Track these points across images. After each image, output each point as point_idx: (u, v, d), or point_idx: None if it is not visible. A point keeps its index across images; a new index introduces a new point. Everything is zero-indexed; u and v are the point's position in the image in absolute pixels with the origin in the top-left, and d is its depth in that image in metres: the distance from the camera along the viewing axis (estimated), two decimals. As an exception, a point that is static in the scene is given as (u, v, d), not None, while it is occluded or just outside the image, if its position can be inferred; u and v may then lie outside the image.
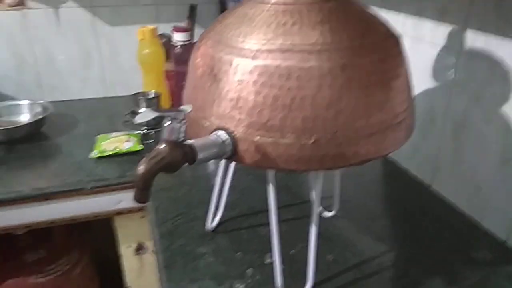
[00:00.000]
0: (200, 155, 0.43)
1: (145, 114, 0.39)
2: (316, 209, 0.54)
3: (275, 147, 0.44)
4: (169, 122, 0.41)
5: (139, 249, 0.98)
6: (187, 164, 0.43)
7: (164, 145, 0.41)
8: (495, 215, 0.70)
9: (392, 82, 0.46)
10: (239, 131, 0.46)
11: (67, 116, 1.18)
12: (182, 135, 0.41)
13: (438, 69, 0.79)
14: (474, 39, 0.70)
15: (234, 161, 0.48)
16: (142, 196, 0.41)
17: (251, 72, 0.44)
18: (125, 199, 0.89)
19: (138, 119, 0.39)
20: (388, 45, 0.48)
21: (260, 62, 0.44)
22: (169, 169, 0.41)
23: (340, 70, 0.43)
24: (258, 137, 0.45)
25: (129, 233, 0.96)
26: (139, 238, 0.97)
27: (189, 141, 0.44)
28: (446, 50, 0.76)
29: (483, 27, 0.67)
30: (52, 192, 0.85)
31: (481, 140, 0.71)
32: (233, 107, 0.46)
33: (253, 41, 0.45)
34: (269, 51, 0.44)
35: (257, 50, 0.45)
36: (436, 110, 0.80)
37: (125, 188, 0.88)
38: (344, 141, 0.44)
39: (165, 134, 0.41)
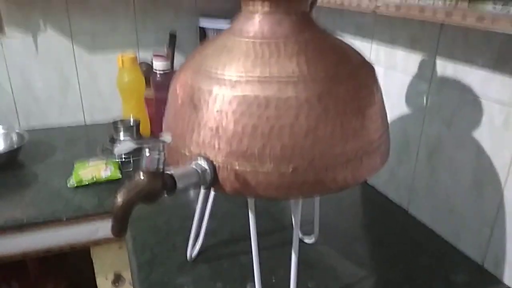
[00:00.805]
0: (180, 185, 0.43)
1: (124, 145, 0.39)
2: (296, 235, 0.54)
3: (255, 175, 0.45)
4: (148, 152, 0.41)
5: (117, 280, 0.95)
6: (166, 194, 0.43)
7: (142, 176, 0.41)
8: (470, 238, 0.72)
9: (366, 110, 0.48)
10: (218, 160, 0.46)
11: (44, 143, 1.16)
12: (161, 165, 0.41)
13: (411, 96, 0.81)
14: (444, 67, 0.73)
15: (214, 189, 0.48)
16: (120, 229, 0.41)
17: (230, 102, 0.45)
18: (102, 228, 0.88)
19: (117, 151, 0.39)
20: (362, 74, 0.49)
21: (239, 92, 0.45)
22: (148, 199, 0.41)
23: (316, 100, 0.44)
24: (238, 166, 0.45)
25: (106, 264, 0.93)
26: (117, 268, 0.94)
27: (168, 171, 0.44)
28: (418, 77, 0.79)
29: (452, 56, 0.71)
30: (27, 223, 0.82)
31: (454, 164, 0.73)
32: (213, 136, 0.46)
33: (232, 72, 0.46)
34: (248, 81, 0.45)
35: (236, 81, 0.46)
36: (410, 135, 0.83)
37: (103, 217, 0.86)
38: (322, 168, 0.45)
39: (144, 164, 0.41)
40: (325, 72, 0.46)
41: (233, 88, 0.45)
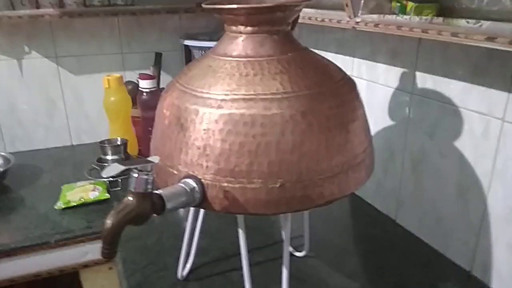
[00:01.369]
0: (169, 205, 0.44)
1: (112, 168, 0.39)
2: (287, 250, 0.55)
3: (243, 192, 0.46)
4: (137, 174, 0.41)
5: (108, 302, 0.94)
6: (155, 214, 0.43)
7: (131, 197, 0.41)
8: (457, 246, 0.73)
9: (350, 125, 0.49)
10: (207, 178, 0.47)
11: (30, 166, 1.15)
12: (150, 186, 0.42)
13: (393, 108, 0.83)
14: (424, 79, 0.75)
15: (203, 208, 0.49)
16: (109, 251, 0.41)
17: (216, 121, 0.46)
18: (91, 251, 0.87)
19: (106, 174, 0.39)
20: (344, 91, 0.51)
21: (225, 111, 0.46)
22: (137, 221, 0.41)
23: (300, 116, 0.45)
24: (226, 184, 0.46)
25: (96, 286, 0.92)
26: (107, 290, 0.93)
27: (157, 191, 0.44)
28: (399, 90, 0.81)
29: (431, 69, 0.73)
30: (14, 248, 0.81)
31: (438, 174, 0.75)
32: (201, 155, 0.47)
33: (218, 91, 0.47)
34: (233, 100, 0.46)
35: (222, 100, 0.47)
36: (395, 147, 0.84)
37: (92, 239, 0.85)
38: (309, 183, 0.46)
39: (132, 186, 0.42)
40: (308, 89, 0.47)
41: (219, 107, 0.46)
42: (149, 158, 0.42)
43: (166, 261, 0.75)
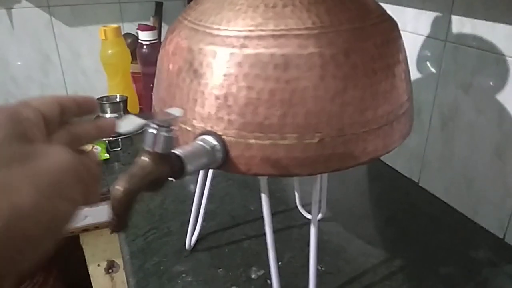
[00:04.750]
0: (189, 167, 0.36)
1: (130, 121, 0.31)
2: (315, 217, 0.48)
3: (275, 150, 0.38)
4: (155, 130, 0.32)
5: (110, 267, 0.89)
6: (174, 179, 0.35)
7: (148, 158, 0.32)
8: (490, 211, 0.67)
9: (395, 68, 0.41)
10: (229, 135, 0.39)
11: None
12: (170, 145, 0.33)
13: (423, 59, 0.75)
14: (461, 25, 0.66)
15: (226, 170, 0.41)
16: (121, 224, 0.32)
17: (240, 63, 0.38)
18: (91, 214, 0.81)
19: (123, 128, 0.31)
20: (388, 28, 0.43)
21: (250, 51, 0.38)
22: (153, 187, 0.33)
23: (343, 56, 0.37)
24: (254, 140, 0.38)
25: (98, 251, 0.87)
26: (109, 255, 0.88)
27: (175, 151, 0.36)
28: (430, 37, 0.72)
29: (470, 12, 0.64)
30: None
31: (472, 132, 0.68)
32: (221, 107, 0.39)
33: (239, 27, 0.39)
34: (260, 37, 0.38)
35: (246, 37, 0.38)
36: (422, 103, 0.77)
37: (92, 202, 0.79)
38: (352, 137, 0.38)
39: (149, 144, 0.32)
40: (350, 24, 0.38)
41: (242, 46, 0.38)
42: (168, 110, 0.33)
43: (171, 226, 0.69)
